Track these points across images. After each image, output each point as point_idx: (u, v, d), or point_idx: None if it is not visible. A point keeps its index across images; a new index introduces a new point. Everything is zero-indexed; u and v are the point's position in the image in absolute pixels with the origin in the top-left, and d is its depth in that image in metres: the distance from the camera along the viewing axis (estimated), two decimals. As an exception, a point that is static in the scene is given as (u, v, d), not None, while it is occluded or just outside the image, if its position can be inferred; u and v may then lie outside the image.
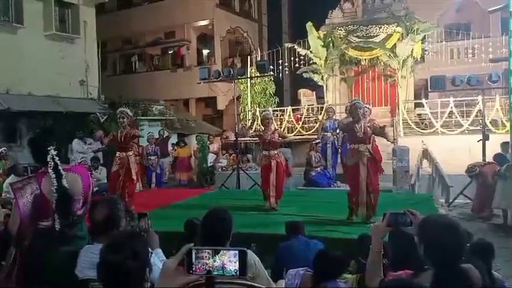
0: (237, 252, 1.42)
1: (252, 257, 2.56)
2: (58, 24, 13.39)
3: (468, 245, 2.81)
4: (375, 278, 2.17)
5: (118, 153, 7.29)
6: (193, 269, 1.43)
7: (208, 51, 22.44)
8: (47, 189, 2.80)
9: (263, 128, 7.88)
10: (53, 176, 2.78)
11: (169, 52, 22.82)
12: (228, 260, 1.41)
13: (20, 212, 2.74)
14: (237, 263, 1.41)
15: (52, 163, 2.80)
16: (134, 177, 7.25)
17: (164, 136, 14.06)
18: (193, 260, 1.43)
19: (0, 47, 11.76)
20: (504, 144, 8.48)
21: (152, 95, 18.01)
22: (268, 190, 7.41)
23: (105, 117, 13.25)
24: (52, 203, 2.77)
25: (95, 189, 9.52)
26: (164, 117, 16.32)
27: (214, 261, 1.42)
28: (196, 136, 14.41)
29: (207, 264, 1.42)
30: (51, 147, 2.84)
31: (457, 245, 1.89)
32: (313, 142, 11.02)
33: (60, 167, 2.82)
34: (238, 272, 1.41)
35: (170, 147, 14.11)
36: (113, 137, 7.36)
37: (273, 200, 7.35)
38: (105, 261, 1.63)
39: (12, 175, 8.83)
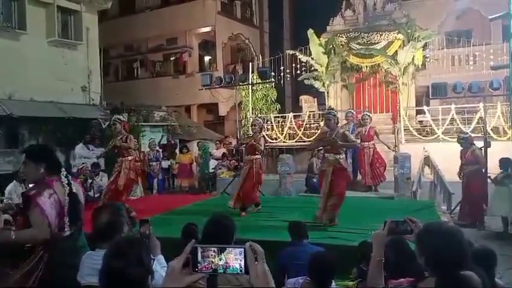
0: (242, 250, 1.43)
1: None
2: (61, 30, 13.43)
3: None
4: (377, 285, 2.17)
5: (117, 160, 7.67)
6: (199, 267, 1.44)
7: (210, 57, 22.51)
8: (61, 196, 2.89)
9: (251, 134, 8.13)
10: (66, 181, 2.90)
11: (171, 58, 22.88)
12: (234, 258, 1.42)
13: (47, 217, 2.75)
14: (242, 261, 1.42)
15: (64, 172, 2.95)
16: (121, 183, 7.45)
17: (172, 142, 14.43)
18: (199, 258, 1.44)
19: (3, 53, 11.79)
20: None
21: (154, 101, 18.04)
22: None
23: (107, 123, 13.26)
24: (65, 210, 2.82)
25: (96, 195, 9.61)
26: (166, 123, 16.35)
27: (220, 259, 1.43)
28: (198, 142, 14.42)
29: (212, 262, 1.43)
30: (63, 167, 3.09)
31: (458, 253, 1.89)
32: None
33: (71, 180, 2.98)
34: (243, 270, 1.42)
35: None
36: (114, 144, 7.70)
37: (232, 202, 7.59)
38: (108, 268, 1.63)
39: (14, 181, 8.84)
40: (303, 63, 15.53)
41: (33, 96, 12.35)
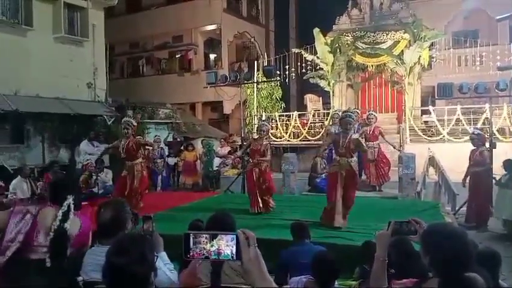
0: (234, 236, 1.43)
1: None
2: (67, 27, 13.46)
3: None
4: (380, 286, 2.16)
5: (126, 162, 7.63)
6: (191, 254, 1.43)
7: (215, 55, 22.52)
8: (44, 218, 2.84)
9: (257, 137, 8.00)
10: (60, 217, 2.84)
11: (177, 56, 22.92)
12: (225, 244, 1.43)
13: (7, 226, 2.77)
14: (234, 247, 1.41)
15: (66, 209, 2.88)
16: (137, 186, 7.55)
17: (178, 140, 14.43)
18: (191, 245, 1.43)
19: (10, 49, 11.84)
20: None
21: (159, 99, 18.07)
22: (252, 196, 7.64)
23: (112, 119, 13.30)
24: (41, 235, 2.79)
25: (101, 191, 9.65)
26: (171, 121, 16.37)
27: (212, 246, 1.43)
28: (202, 140, 14.43)
29: (204, 249, 1.43)
30: (71, 197, 2.98)
31: (463, 254, 1.88)
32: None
33: (71, 214, 2.88)
34: (234, 256, 1.42)
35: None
36: (117, 147, 7.68)
37: (260, 206, 7.53)
38: (111, 264, 1.63)
39: (19, 176, 8.90)
40: (309, 62, 15.49)
41: (39, 92, 12.40)
